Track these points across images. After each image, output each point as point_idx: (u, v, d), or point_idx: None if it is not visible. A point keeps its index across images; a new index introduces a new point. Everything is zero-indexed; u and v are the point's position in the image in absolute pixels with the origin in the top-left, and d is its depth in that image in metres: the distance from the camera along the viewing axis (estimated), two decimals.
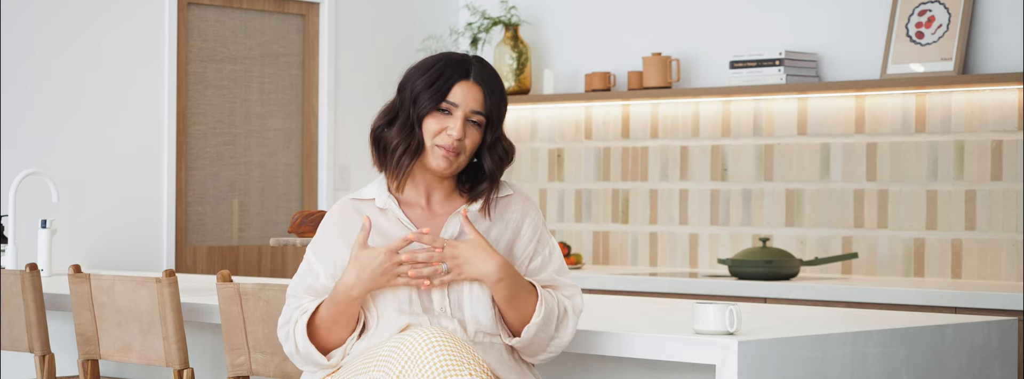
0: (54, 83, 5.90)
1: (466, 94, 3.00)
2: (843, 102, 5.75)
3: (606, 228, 6.43)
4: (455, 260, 2.95)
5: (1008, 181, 5.35)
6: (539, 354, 3.06)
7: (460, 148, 3.00)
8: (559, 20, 6.71)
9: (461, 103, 2.99)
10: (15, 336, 4.38)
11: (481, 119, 3.01)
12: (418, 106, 3.00)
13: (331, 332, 3.00)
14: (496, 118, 3.03)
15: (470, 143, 3.01)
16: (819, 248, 5.80)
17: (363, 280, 2.93)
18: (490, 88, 3.02)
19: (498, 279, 2.95)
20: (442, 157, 3.00)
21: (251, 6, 6.51)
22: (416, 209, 3.08)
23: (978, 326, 3.53)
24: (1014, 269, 5.33)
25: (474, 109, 3.00)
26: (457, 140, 2.99)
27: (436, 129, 3.00)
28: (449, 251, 2.94)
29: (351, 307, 2.97)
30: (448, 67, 3.02)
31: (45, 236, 5.39)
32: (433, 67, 3.02)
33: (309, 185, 6.68)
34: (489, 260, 2.95)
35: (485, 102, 3.01)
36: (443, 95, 2.99)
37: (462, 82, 3.00)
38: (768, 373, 3.01)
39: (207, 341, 4.33)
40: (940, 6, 5.49)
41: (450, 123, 2.99)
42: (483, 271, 2.95)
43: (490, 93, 3.02)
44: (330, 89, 6.67)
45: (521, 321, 3.01)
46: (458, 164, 3.02)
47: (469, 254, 2.95)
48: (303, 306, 3.03)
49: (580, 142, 6.52)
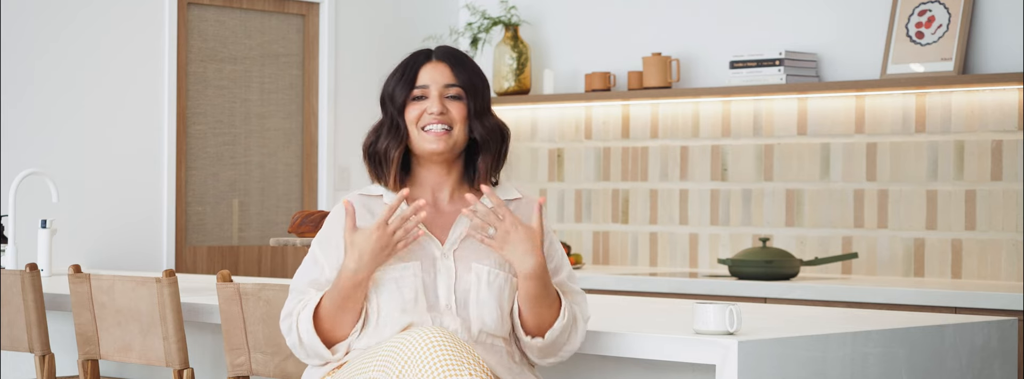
0: (54, 83, 5.90)
1: (433, 72, 3.05)
2: (843, 102, 5.75)
3: (606, 228, 6.43)
4: (506, 235, 2.93)
5: (1008, 181, 5.35)
6: (549, 358, 3.08)
7: (446, 120, 3.02)
8: (559, 20, 6.71)
9: (431, 82, 3.05)
10: (15, 336, 4.38)
11: (458, 91, 3.05)
12: (395, 101, 3.05)
13: (336, 322, 3.00)
14: (472, 90, 3.05)
15: (456, 114, 3.03)
16: (819, 248, 5.81)
17: (366, 261, 2.93)
18: (456, 61, 3.07)
19: (534, 275, 2.96)
20: (433, 138, 3.02)
21: (251, 6, 6.51)
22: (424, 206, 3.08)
23: (978, 326, 3.53)
24: (1014, 269, 5.33)
25: (446, 83, 3.05)
26: (439, 113, 3.01)
27: (416, 115, 3.04)
28: (507, 224, 2.93)
29: (357, 292, 2.96)
30: (411, 58, 3.09)
31: (45, 236, 5.39)
32: (400, 64, 3.10)
33: (309, 185, 6.68)
34: (534, 253, 2.95)
35: (455, 75, 3.05)
36: (412, 81, 3.05)
37: (426, 65, 3.07)
38: (768, 373, 3.01)
39: (207, 341, 4.33)
40: (940, 6, 5.49)
41: (427, 104, 3.03)
42: (524, 261, 2.95)
43: (457, 66, 3.06)
44: (330, 89, 6.67)
45: (538, 323, 3.02)
46: (454, 139, 3.04)
47: (521, 238, 2.94)
48: (306, 299, 3.03)
49: (580, 142, 6.52)
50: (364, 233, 2.93)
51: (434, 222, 3.07)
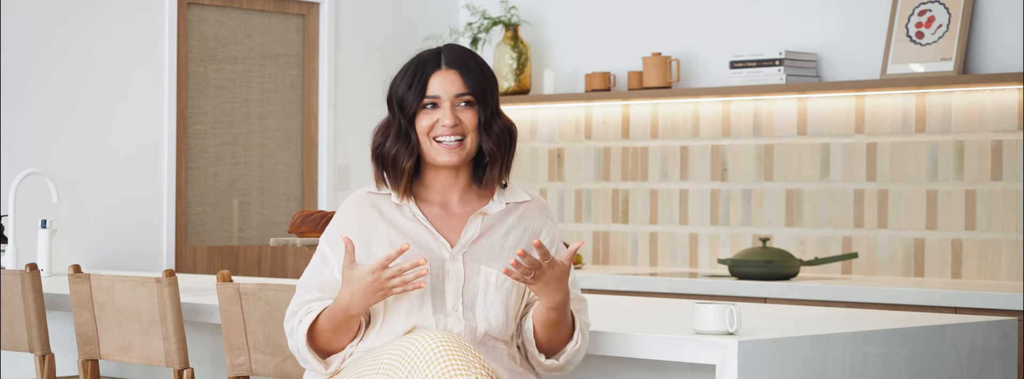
0: (54, 83, 5.90)
1: (444, 82, 3.02)
2: (843, 102, 5.75)
3: (606, 228, 6.43)
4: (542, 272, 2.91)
5: (1008, 181, 5.35)
6: (553, 372, 3.11)
7: (459, 132, 3.01)
8: (559, 20, 6.71)
9: (442, 92, 3.02)
10: (15, 336, 4.38)
11: (470, 98, 3.03)
12: (406, 109, 3.02)
13: (331, 341, 3.01)
14: (482, 96, 3.04)
15: (469, 123, 3.02)
16: (819, 248, 5.80)
17: (357, 299, 2.92)
18: (465, 68, 3.04)
19: (560, 307, 2.98)
20: (445, 151, 3.01)
21: (251, 6, 6.51)
22: (433, 207, 3.08)
23: (978, 326, 3.53)
24: (1014, 269, 5.33)
25: (457, 93, 3.02)
26: (452, 127, 3.00)
27: (428, 125, 3.01)
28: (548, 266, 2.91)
29: (351, 322, 2.98)
30: (421, 63, 3.05)
31: (45, 236, 5.39)
32: (408, 68, 3.05)
33: (309, 185, 6.68)
34: (562, 289, 2.96)
35: (465, 83, 3.03)
36: (423, 91, 3.02)
37: (436, 72, 3.03)
38: (768, 373, 3.01)
39: (207, 341, 4.33)
40: (940, 6, 5.49)
41: (439, 115, 3.01)
42: (553, 296, 2.96)
43: (466, 73, 3.03)
44: (330, 89, 6.67)
45: (551, 344, 3.05)
46: (467, 149, 3.03)
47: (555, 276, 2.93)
48: (309, 306, 3.03)
49: (580, 142, 6.52)
50: (359, 273, 2.89)
51: (444, 225, 3.06)
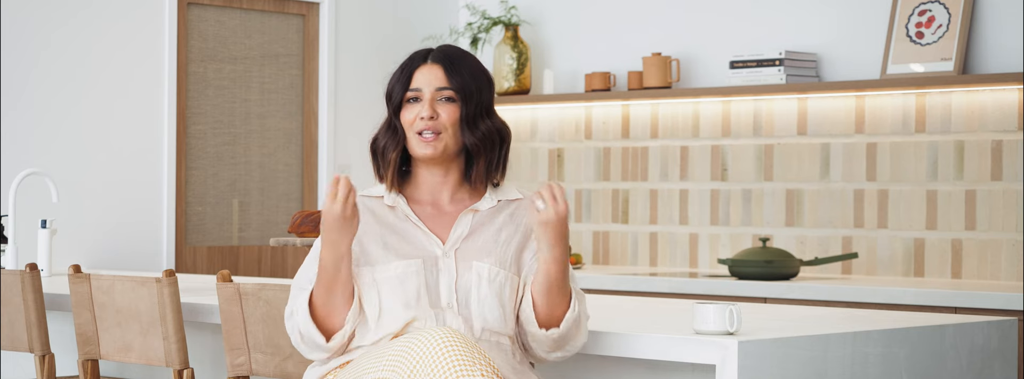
0: (54, 83, 5.90)
1: (427, 75, 3.07)
2: (843, 102, 5.75)
3: (606, 228, 6.43)
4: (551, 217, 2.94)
5: (1008, 181, 5.35)
6: (557, 352, 3.08)
7: (437, 127, 3.04)
8: (559, 20, 6.71)
9: (424, 85, 3.06)
10: (15, 336, 4.38)
11: (451, 94, 3.06)
12: (393, 101, 3.09)
13: (329, 308, 3.00)
14: (465, 93, 3.06)
15: (447, 119, 3.05)
16: (819, 248, 5.80)
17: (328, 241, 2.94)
18: (450, 64, 3.07)
19: (560, 260, 2.97)
20: (422, 143, 3.05)
21: (251, 6, 6.51)
22: (425, 207, 3.11)
23: (978, 326, 3.53)
24: (1014, 269, 5.33)
25: (438, 87, 3.06)
26: (429, 118, 3.03)
27: (410, 118, 3.06)
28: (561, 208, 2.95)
29: (340, 271, 2.97)
30: (411, 59, 3.11)
31: (45, 236, 5.39)
32: (401, 63, 3.12)
33: (309, 185, 6.68)
34: (563, 241, 2.97)
35: (448, 78, 3.06)
36: (407, 84, 3.07)
37: (421, 67, 3.09)
38: (768, 373, 3.01)
39: (207, 341, 4.33)
40: (940, 6, 5.49)
41: (420, 108, 3.05)
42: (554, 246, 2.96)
43: (451, 69, 3.07)
44: (330, 89, 6.67)
45: (550, 313, 3.03)
46: (444, 144, 3.05)
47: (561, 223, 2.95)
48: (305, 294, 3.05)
49: (580, 142, 6.52)
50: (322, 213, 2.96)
51: (435, 222, 3.09)
